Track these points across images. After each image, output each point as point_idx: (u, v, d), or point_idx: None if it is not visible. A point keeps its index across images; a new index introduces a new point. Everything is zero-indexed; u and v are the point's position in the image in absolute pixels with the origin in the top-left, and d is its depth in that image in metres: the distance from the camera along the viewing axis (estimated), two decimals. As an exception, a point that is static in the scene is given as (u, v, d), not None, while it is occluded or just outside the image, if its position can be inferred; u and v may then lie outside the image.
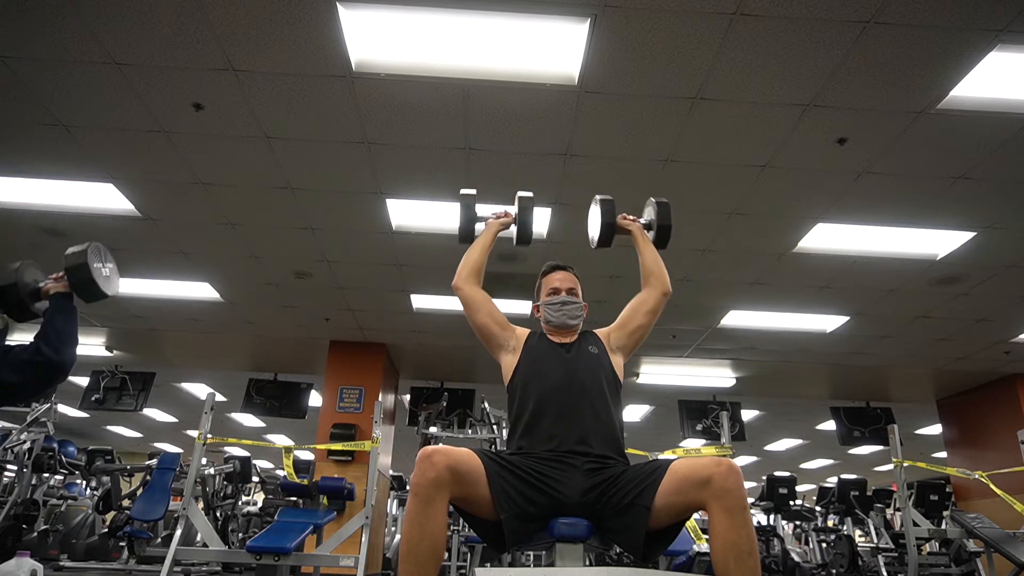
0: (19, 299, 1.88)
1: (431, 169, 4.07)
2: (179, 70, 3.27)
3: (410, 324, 6.78)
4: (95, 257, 1.95)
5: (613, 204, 2.36)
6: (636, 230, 2.34)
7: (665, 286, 2.20)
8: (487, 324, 2.12)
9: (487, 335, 2.13)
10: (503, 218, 2.36)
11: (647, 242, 2.31)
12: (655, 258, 2.25)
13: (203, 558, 5.08)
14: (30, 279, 1.92)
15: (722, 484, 1.55)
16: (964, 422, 8.40)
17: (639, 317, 2.16)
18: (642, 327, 2.15)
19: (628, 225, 2.35)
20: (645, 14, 2.85)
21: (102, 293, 1.95)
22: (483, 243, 2.26)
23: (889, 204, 4.26)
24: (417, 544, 1.58)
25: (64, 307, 1.89)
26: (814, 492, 8.99)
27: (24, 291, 1.89)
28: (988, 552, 4.98)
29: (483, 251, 2.24)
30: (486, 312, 2.13)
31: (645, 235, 2.34)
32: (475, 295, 2.15)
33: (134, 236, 4.98)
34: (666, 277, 2.21)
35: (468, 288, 2.16)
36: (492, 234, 2.30)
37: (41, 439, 6.20)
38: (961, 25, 2.83)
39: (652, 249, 2.29)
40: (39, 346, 1.77)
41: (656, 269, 2.22)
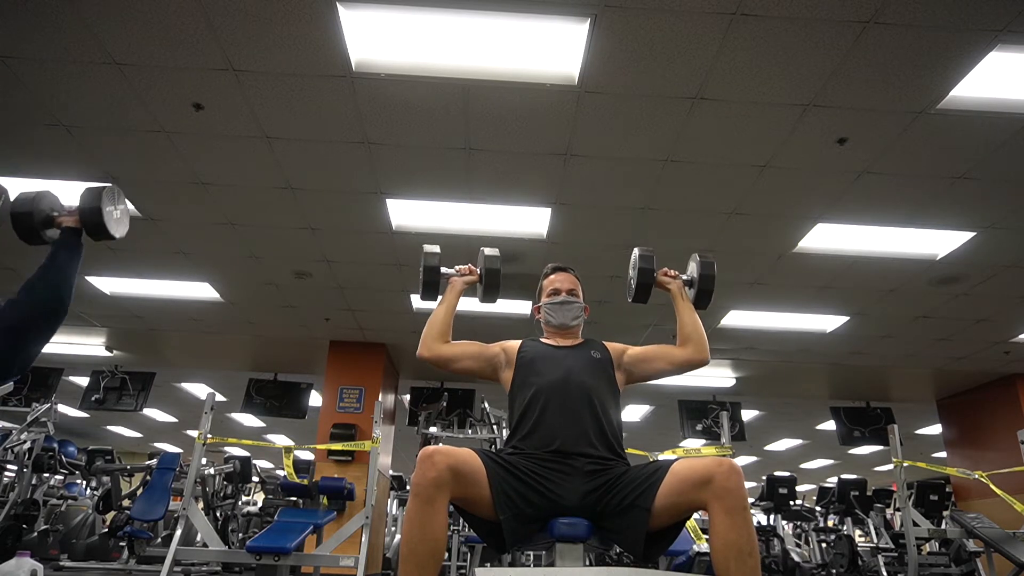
0: (31, 225, 1.94)
1: (431, 169, 4.07)
2: (179, 70, 3.27)
3: (410, 324, 6.78)
4: (109, 200, 1.99)
5: (654, 260, 2.20)
6: (676, 289, 2.22)
7: (703, 354, 2.10)
8: (470, 367, 2.10)
9: (477, 374, 2.12)
10: (467, 276, 2.22)
11: (686, 303, 2.19)
12: (695, 323, 2.14)
13: (203, 558, 5.08)
14: (46, 207, 1.98)
15: (723, 484, 1.55)
16: (964, 422, 8.40)
17: (662, 363, 2.09)
18: (660, 373, 2.11)
19: (668, 283, 2.23)
20: (645, 14, 2.85)
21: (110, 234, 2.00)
22: (447, 306, 2.15)
23: (889, 204, 4.26)
24: (417, 544, 1.57)
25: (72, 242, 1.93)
26: (814, 492, 8.99)
27: (38, 218, 1.95)
28: (988, 552, 4.98)
29: (448, 313, 2.13)
30: (465, 358, 2.09)
31: (685, 294, 2.22)
32: (444, 353, 2.07)
33: (134, 236, 4.92)
34: (706, 345, 2.11)
35: (436, 352, 2.07)
36: (456, 294, 2.18)
37: (41, 439, 6.19)
38: (961, 25, 2.83)
39: (692, 311, 2.17)
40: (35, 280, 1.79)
41: (695, 336, 2.11)
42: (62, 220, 1.97)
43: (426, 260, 2.18)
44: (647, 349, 2.12)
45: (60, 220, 1.97)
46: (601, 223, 4.60)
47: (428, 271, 2.18)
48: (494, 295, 2.23)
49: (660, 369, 2.10)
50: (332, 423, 7.08)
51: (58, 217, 1.98)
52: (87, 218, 1.96)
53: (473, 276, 2.23)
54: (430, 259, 2.19)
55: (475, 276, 2.23)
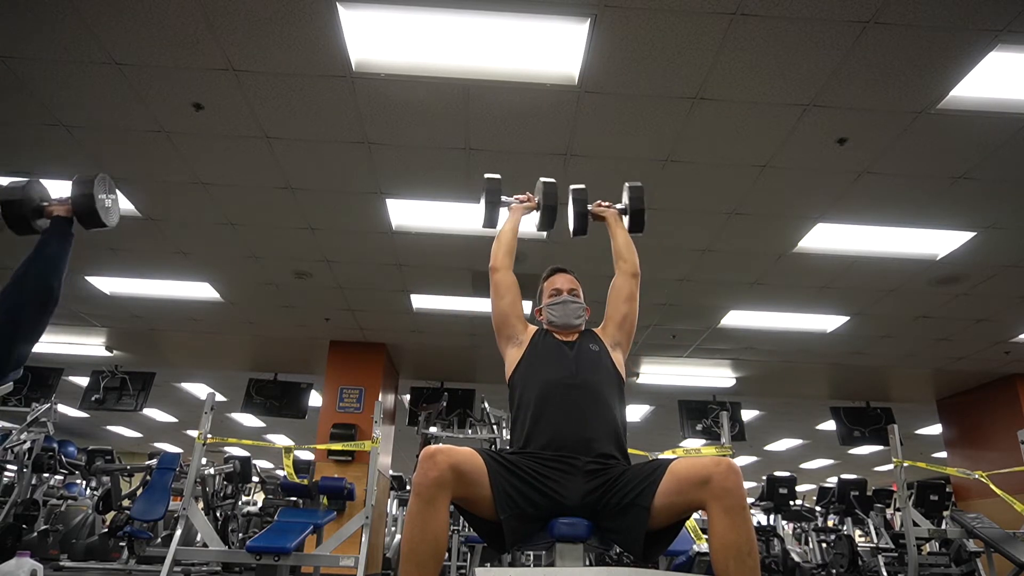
0: (22, 213, 1.92)
1: (431, 169, 4.07)
2: (179, 70, 3.27)
3: (410, 324, 6.78)
4: (101, 188, 1.99)
5: (585, 192, 2.41)
6: (611, 216, 2.39)
7: (633, 267, 2.23)
8: (509, 314, 2.12)
9: (503, 323, 2.12)
10: (526, 202, 2.38)
11: (620, 226, 2.36)
12: (626, 241, 2.30)
13: (203, 558, 5.08)
14: (36, 196, 1.97)
15: (722, 484, 1.55)
16: (964, 422, 8.39)
17: (621, 306, 2.18)
18: (627, 315, 2.17)
19: (602, 211, 2.41)
20: (645, 14, 2.85)
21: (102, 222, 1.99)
22: (512, 226, 2.28)
23: (889, 204, 4.26)
24: (418, 544, 1.57)
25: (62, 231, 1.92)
26: (814, 492, 8.99)
27: (28, 207, 1.94)
28: (988, 552, 4.98)
29: (513, 232, 2.26)
30: (511, 301, 2.14)
31: (619, 220, 2.39)
32: (509, 281, 2.16)
33: (134, 236, 4.98)
34: (635, 258, 2.25)
35: (504, 272, 2.17)
36: (518, 217, 2.33)
37: (41, 439, 6.19)
38: (961, 25, 2.83)
39: (624, 232, 2.34)
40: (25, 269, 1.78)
41: (626, 252, 2.26)
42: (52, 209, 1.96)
43: (489, 184, 2.33)
44: (606, 312, 2.21)
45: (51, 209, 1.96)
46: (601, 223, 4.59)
47: (491, 194, 2.31)
48: (551, 221, 2.37)
49: (625, 312, 2.17)
50: (332, 423, 7.08)
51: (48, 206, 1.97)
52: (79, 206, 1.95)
53: (532, 203, 2.39)
54: (492, 184, 2.33)
55: (534, 203, 2.39)
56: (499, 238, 2.25)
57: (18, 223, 1.95)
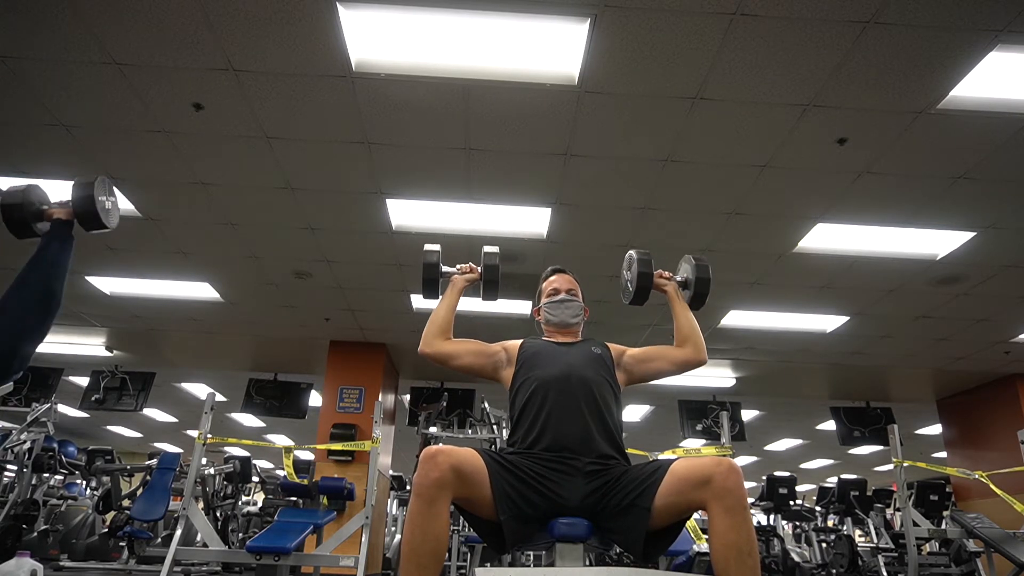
0: (22, 217, 1.92)
1: (431, 169, 4.07)
2: (179, 70, 3.27)
3: (410, 324, 6.78)
4: (101, 190, 1.99)
5: (651, 263, 2.20)
6: (672, 291, 2.23)
7: (701, 354, 2.11)
8: (472, 363, 2.09)
9: (479, 371, 2.10)
10: (468, 274, 2.25)
11: (682, 304, 2.20)
12: (691, 324, 2.15)
13: (203, 558, 5.08)
14: (36, 200, 1.97)
15: (722, 484, 1.55)
16: (964, 422, 8.40)
17: (662, 363, 2.11)
18: (660, 373, 2.12)
19: (664, 285, 2.24)
20: (645, 14, 2.85)
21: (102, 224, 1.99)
22: (448, 303, 2.18)
23: (889, 204, 4.26)
24: (419, 545, 1.57)
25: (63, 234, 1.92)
26: (814, 492, 8.99)
27: (28, 210, 1.94)
28: (988, 552, 4.98)
29: (449, 311, 2.15)
30: (466, 355, 2.09)
31: (680, 296, 2.24)
32: (446, 349, 2.09)
33: (134, 236, 4.98)
34: (703, 345, 2.13)
35: (437, 348, 2.09)
36: (458, 292, 2.21)
37: (41, 439, 6.19)
38: (961, 25, 2.83)
39: (688, 313, 2.18)
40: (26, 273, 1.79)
41: (692, 336, 2.12)
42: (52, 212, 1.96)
43: (426, 258, 2.21)
44: (647, 350, 2.14)
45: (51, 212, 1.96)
46: (601, 223, 4.60)
47: (428, 269, 2.20)
48: (495, 293, 2.25)
49: (660, 369, 2.11)
50: (332, 423, 7.08)
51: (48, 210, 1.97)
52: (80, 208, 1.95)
53: (474, 274, 2.26)
54: (430, 257, 2.21)
55: (476, 274, 2.25)
56: (431, 321, 2.13)
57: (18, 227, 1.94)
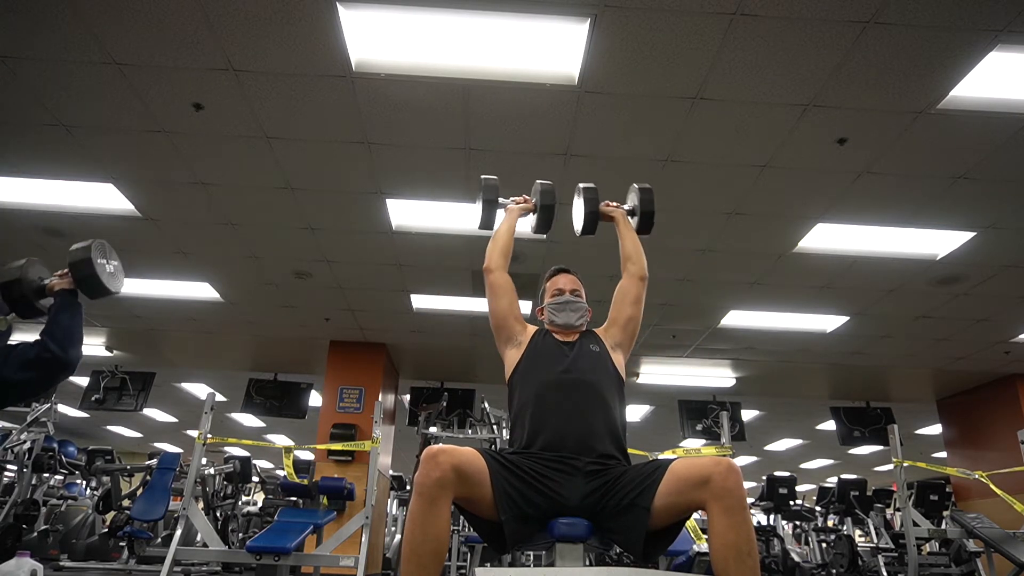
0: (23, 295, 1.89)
1: (431, 169, 4.07)
2: (179, 70, 3.27)
3: (410, 324, 6.78)
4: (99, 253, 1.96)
5: (596, 191, 2.38)
6: (619, 216, 2.37)
7: (642, 270, 2.21)
8: (507, 315, 2.11)
9: (502, 325, 2.11)
10: (523, 204, 2.35)
11: (629, 228, 2.34)
12: (635, 243, 2.28)
13: (203, 558, 5.08)
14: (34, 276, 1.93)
15: (721, 484, 1.55)
16: (964, 422, 8.39)
17: (626, 308, 2.16)
18: (632, 318, 2.15)
19: (611, 212, 2.38)
20: (645, 14, 2.85)
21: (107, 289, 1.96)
22: (508, 226, 2.26)
23: (889, 204, 4.26)
24: (420, 545, 1.57)
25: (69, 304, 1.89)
26: (814, 492, 8.99)
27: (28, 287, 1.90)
28: (988, 552, 4.98)
29: (510, 234, 2.24)
30: (509, 301, 2.13)
31: (628, 221, 2.37)
32: (504, 281, 2.15)
33: (134, 236, 4.98)
34: (644, 261, 2.23)
35: (499, 273, 2.16)
36: (514, 219, 2.30)
37: (41, 439, 6.20)
38: (961, 25, 2.83)
39: (633, 235, 2.31)
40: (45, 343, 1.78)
41: (634, 254, 2.24)
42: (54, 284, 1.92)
43: (486, 182, 2.30)
44: (610, 313, 2.19)
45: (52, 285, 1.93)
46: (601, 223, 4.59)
47: (489, 190, 2.28)
48: (548, 223, 2.33)
49: (631, 315, 2.15)
50: (332, 423, 7.08)
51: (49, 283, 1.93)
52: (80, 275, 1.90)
53: (528, 204, 2.36)
54: (490, 182, 2.30)
55: (531, 204, 2.36)
56: (494, 239, 2.23)
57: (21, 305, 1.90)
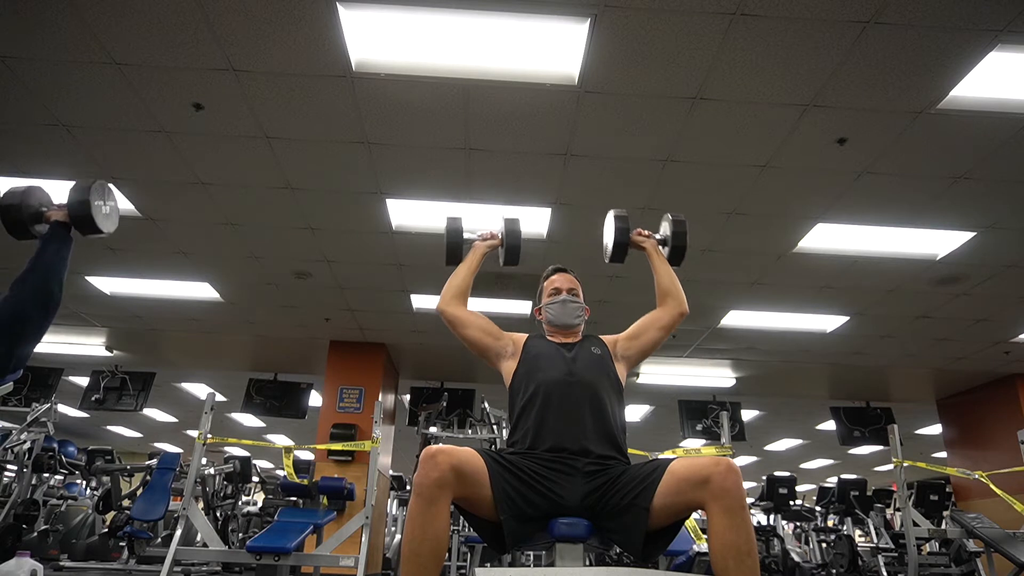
0: (20, 219, 1.94)
1: (431, 169, 4.07)
2: (179, 70, 3.27)
3: (410, 324, 6.78)
4: (97, 194, 2.00)
5: (628, 220, 2.30)
6: (651, 247, 2.30)
7: (682, 306, 2.17)
8: (479, 338, 2.10)
9: (482, 348, 2.11)
10: (489, 240, 2.31)
11: (662, 260, 2.27)
12: (671, 277, 2.21)
13: (203, 558, 5.08)
14: (34, 202, 2.00)
15: (721, 484, 1.55)
16: (964, 422, 8.40)
17: (652, 332, 2.13)
18: (653, 341, 2.13)
19: (642, 242, 2.31)
20: (645, 14, 2.85)
21: (98, 228, 2.00)
22: (469, 266, 2.23)
23: (889, 204, 4.26)
24: (420, 545, 1.57)
25: (60, 235, 1.94)
26: (814, 492, 8.99)
27: (26, 212, 1.96)
28: (988, 552, 4.98)
29: (469, 274, 2.21)
30: (475, 327, 2.11)
31: (660, 252, 2.30)
32: (460, 314, 2.12)
33: (134, 236, 4.98)
34: (683, 297, 2.18)
35: (452, 309, 2.13)
36: (479, 257, 2.27)
37: (41, 439, 6.19)
38: (961, 25, 2.83)
39: (667, 267, 2.25)
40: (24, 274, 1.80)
41: (673, 289, 2.18)
42: (51, 215, 1.98)
43: (450, 224, 2.27)
44: (634, 326, 2.17)
45: (49, 215, 1.99)
46: (601, 223, 4.59)
47: (452, 234, 2.25)
48: (516, 258, 2.30)
49: (652, 339, 2.14)
50: (332, 423, 7.08)
51: (47, 212, 1.99)
52: (75, 212, 1.96)
53: (495, 240, 2.31)
54: (454, 223, 2.27)
55: (497, 240, 2.31)
56: (451, 280, 2.19)
57: (16, 228, 1.96)
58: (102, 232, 2.04)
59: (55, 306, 1.83)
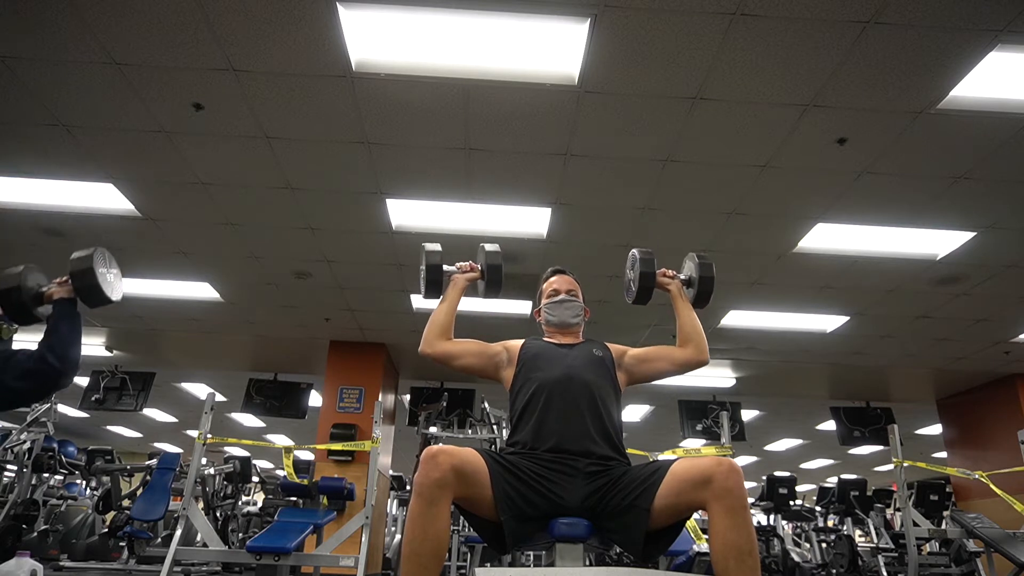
0: (21, 302, 1.87)
1: (431, 169, 4.07)
2: (179, 70, 3.27)
3: (410, 324, 6.78)
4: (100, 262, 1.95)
5: (654, 262, 2.19)
6: (675, 290, 2.23)
7: (703, 355, 2.11)
8: (473, 364, 2.09)
9: (479, 371, 2.10)
10: (469, 273, 2.23)
11: (686, 304, 2.20)
12: (693, 324, 2.15)
13: (203, 558, 5.08)
14: (33, 283, 1.91)
15: (723, 484, 1.55)
16: (964, 422, 8.40)
17: (664, 363, 2.10)
18: (662, 373, 2.12)
19: (667, 284, 2.24)
20: (645, 14, 2.85)
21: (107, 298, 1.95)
22: (449, 303, 2.16)
23: (889, 204, 4.26)
24: (420, 545, 1.57)
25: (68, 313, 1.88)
26: (814, 492, 8.99)
27: (27, 295, 1.89)
28: (988, 552, 4.98)
29: (450, 311, 2.14)
30: (466, 356, 2.09)
31: (684, 295, 2.23)
32: (447, 349, 2.08)
33: (134, 236, 4.98)
34: (705, 346, 2.13)
35: (438, 349, 2.08)
36: (459, 291, 2.19)
37: (41, 439, 6.20)
38: (961, 25, 2.83)
39: (691, 312, 2.18)
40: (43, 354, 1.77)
41: (695, 336, 2.13)
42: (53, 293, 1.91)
43: (428, 258, 2.18)
44: (648, 350, 2.14)
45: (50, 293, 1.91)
46: (601, 223, 4.60)
47: (431, 269, 2.17)
48: (497, 291, 2.22)
49: (661, 370, 2.12)
50: (332, 423, 7.08)
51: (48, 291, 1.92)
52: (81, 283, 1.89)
53: (475, 273, 2.23)
54: (432, 257, 2.18)
55: (477, 273, 2.23)
56: (432, 321, 2.11)
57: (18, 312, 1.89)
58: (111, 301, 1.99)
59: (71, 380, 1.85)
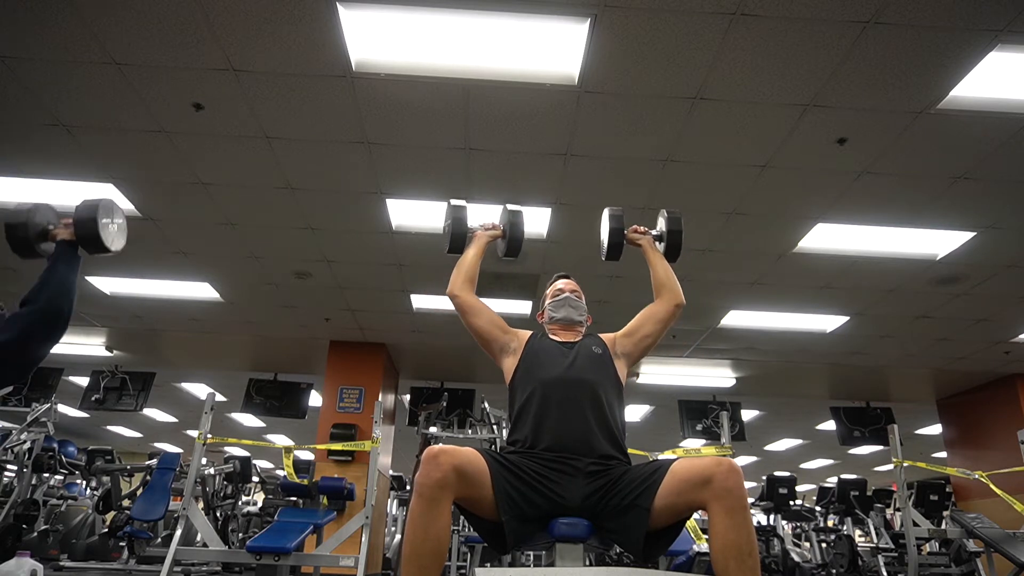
0: (26, 237, 1.92)
1: (431, 169, 4.07)
2: (179, 70, 3.27)
3: (410, 324, 6.78)
4: (105, 212, 1.98)
5: (623, 218, 2.33)
6: (646, 243, 2.33)
7: (678, 298, 2.17)
8: (488, 329, 2.12)
9: (488, 339, 2.12)
10: (491, 230, 2.33)
11: (657, 254, 2.29)
12: (667, 271, 2.23)
13: (203, 558, 5.08)
14: (41, 220, 1.97)
15: (723, 484, 1.55)
16: (964, 422, 8.40)
17: (648, 326, 2.14)
18: (651, 336, 2.14)
19: (638, 239, 2.34)
20: (645, 14, 2.85)
21: (105, 247, 1.98)
22: (475, 253, 2.25)
23: (889, 204, 4.26)
24: (420, 545, 1.57)
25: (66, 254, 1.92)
26: (814, 492, 8.99)
27: (32, 231, 1.94)
28: (988, 552, 4.98)
29: (476, 260, 2.23)
30: (486, 317, 2.13)
31: (655, 248, 2.32)
32: (472, 301, 2.15)
33: (134, 236, 4.91)
34: (678, 289, 2.19)
35: (465, 295, 2.15)
36: (482, 245, 2.29)
37: (41, 439, 6.20)
38: (961, 25, 2.83)
39: (663, 261, 2.26)
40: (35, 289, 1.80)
41: (668, 282, 2.20)
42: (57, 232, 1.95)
43: (453, 212, 2.26)
44: (632, 323, 2.17)
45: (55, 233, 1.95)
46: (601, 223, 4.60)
47: (456, 223, 2.24)
48: (516, 250, 2.31)
49: (650, 333, 2.13)
50: (332, 423, 7.08)
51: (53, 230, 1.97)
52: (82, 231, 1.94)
53: (497, 231, 2.33)
54: (457, 211, 2.26)
55: (499, 231, 2.33)
56: (459, 265, 2.21)
57: (21, 246, 1.94)
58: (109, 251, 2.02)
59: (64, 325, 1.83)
